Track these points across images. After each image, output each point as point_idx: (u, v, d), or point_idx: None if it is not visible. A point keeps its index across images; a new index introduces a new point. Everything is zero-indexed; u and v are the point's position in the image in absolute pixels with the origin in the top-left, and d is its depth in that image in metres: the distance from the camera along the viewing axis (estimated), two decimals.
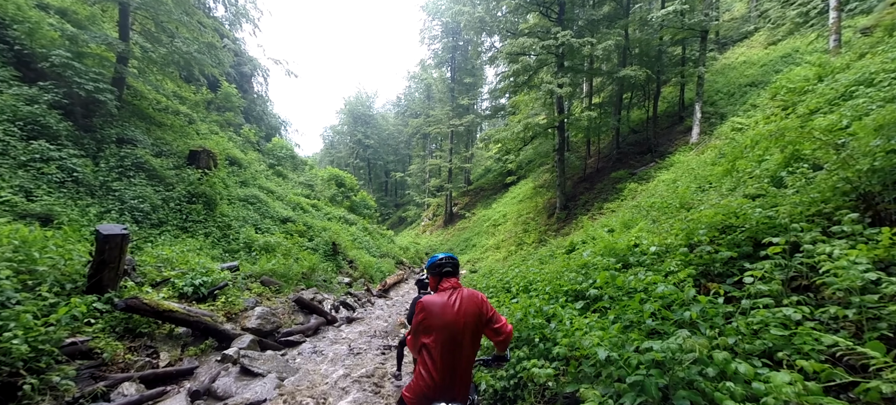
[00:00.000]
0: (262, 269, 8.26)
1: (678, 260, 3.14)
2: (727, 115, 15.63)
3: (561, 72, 19.18)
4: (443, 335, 1.96)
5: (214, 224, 10.37)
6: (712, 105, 16.98)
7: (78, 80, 8.60)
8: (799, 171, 3.64)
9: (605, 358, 2.02)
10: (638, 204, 10.75)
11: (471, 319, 2.01)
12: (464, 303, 2.02)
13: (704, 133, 15.63)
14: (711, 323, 2.10)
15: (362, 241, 18.25)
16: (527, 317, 3.50)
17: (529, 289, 4.88)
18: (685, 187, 7.12)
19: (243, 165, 15.27)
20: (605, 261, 3.83)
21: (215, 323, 5.40)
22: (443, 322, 1.97)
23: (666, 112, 22.03)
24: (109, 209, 8.09)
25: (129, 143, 9.86)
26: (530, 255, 10.30)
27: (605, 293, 3.18)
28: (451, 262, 2.20)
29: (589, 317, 2.87)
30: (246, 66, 23.65)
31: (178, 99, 15.09)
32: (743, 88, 16.74)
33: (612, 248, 4.08)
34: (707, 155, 11.90)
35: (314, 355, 5.85)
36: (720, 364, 1.65)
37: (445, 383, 1.94)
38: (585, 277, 3.79)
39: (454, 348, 1.96)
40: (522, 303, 3.85)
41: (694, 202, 6.07)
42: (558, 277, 4.32)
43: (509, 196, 30.58)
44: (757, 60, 18.47)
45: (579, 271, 3.98)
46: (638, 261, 3.70)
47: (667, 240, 3.70)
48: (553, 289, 3.93)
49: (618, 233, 5.15)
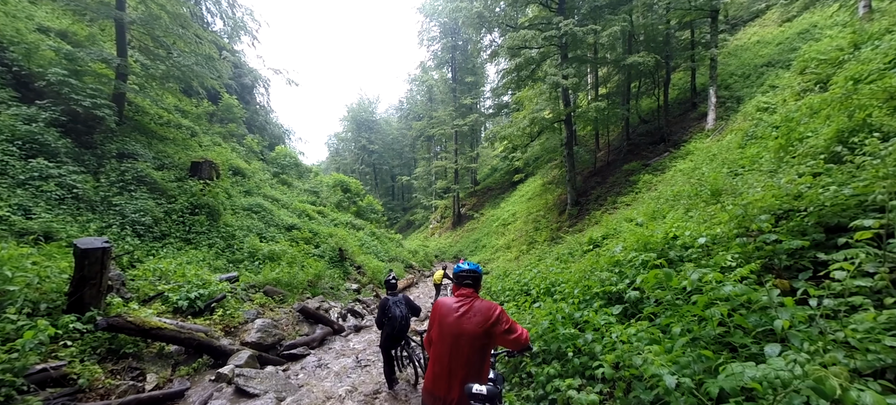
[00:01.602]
0: (265, 279, 7.96)
1: (734, 252, 2.69)
2: (744, 97, 14.86)
3: (565, 63, 18.56)
4: (445, 335, 2.13)
5: (218, 234, 10.14)
6: (727, 89, 16.22)
7: (75, 97, 8.44)
8: (867, 142, 3.09)
9: (674, 384, 1.59)
10: (658, 194, 10.23)
11: (476, 329, 2.10)
12: (472, 312, 2.14)
13: (720, 118, 14.87)
14: (804, 333, 1.66)
15: (370, 246, 17.94)
16: (555, 325, 3.10)
17: (553, 291, 4.46)
18: (715, 173, 6.61)
19: (247, 175, 15.09)
20: (641, 258, 3.39)
21: (210, 339, 5.04)
22: (447, 323, 2.15)
23: (677, 99, 21.20)
24: (110, 224, 7.88)
25: (129, 157, 9.68)
26: (546, 254, 9.83)
27: (649, 296, 2.75)
28: (473, 276, 2.33)
29: (634, 326, 2.45)
30: (246, 77, 23.62)
31: (180, 112, 14.97)
32: (758, 69, 15.95)
33: (646, 242, 3.65)
34: (730, 139, 11.32)
35: (318, 369, 5.50)
36: (839, 396, 1.21)
37: (441, 379, 2.10)
38: (620, 277, 3.36)
39: (453, 349, 2.10)
40: (547, 309, 3.45)
41: (729, 187, 5.58)
42: (586, 277, 3.90)
43: (518, 194, 30.08)
44: (771, 39, 17.69)
45: (611, 270, 3.56)
46: (680, 257, 3.26)
47: (713, 231, 3.25)
48: (582, 292, 3.51)
49: (647, 225, 4.68)
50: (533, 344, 2.96)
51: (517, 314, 4.20)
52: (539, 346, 3.06)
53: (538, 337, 3.18)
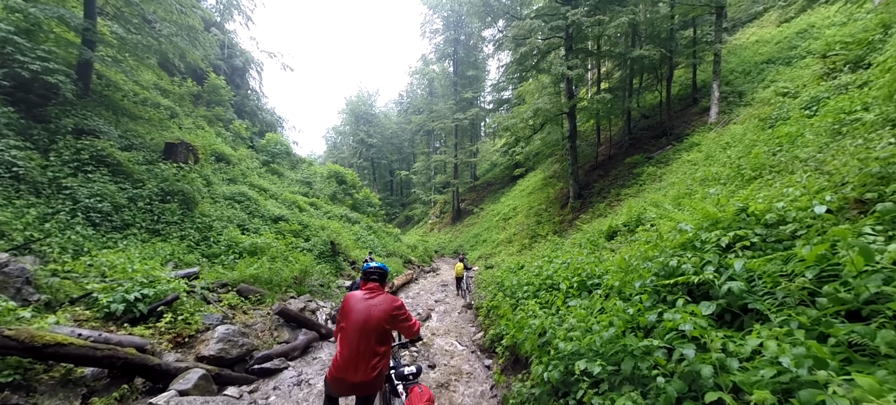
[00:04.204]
0: (240, 276, 6.85)
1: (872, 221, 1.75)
2: (746, 92, 15.33)
3: (570, 54, 18.14)
4: (353, 324, 2.35)
5: (192, 225, 9.04)
6: (727, 84, 16.65)
7: (21, 59, 7.31)
8: None
9: None
10: (674, 182, 9.51)
11: (382, 315, 2.39)
12: (377, 302, 2.44)
13: (723, 112, 15.08)
14: None
15: (366, 240, 16.90)
16: (618, 335, 2.12)
17: (588, 284, 3.45)
18: (757, 151, 5.70)
19: (232, 162, 13.98)
20: (723, 237, 2.37)
21: (144, 355, 3.79)
22: (356, 311, 2.39)
23: (678, 95, 21.62)
24: (57, 210, 6.78)
25: (89, 134, 8.56)
26: (559, 246, 8.83)
27: (757, 287, 1.81)
28: (379, 272, 2.60)
29: (754, 335, 1.48)
30: (238, 58, 22.36)
31: (159, 91, 13.84)
32: (759, 66, 16.50)
33: (714, 219, 2.61)
34: (738, 128, 11.47)
35: (296, 388, 4.35)
36: None
37: (350, 363, 2.27)
38: (699, 263, 2.34)
39: (361, 336, 2.31)
40: (595, 306, 2.48)
41: (780, 164, 4.67)
42: (636, 267, 2.88)
43: (518, 189, 29.47)
44: (770, 38, 18.23)
45: (680, 255, 2.53)
46: (777, 236, 2.27)
47: (799, 202, 2.35)
48: (643, 286, 2.51)
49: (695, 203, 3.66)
50: (592, 365, 2.06)
51: (546, 316, 3.18)
52: (599, 365, 2.07)
53: (595, 352, 2.19)
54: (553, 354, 2.59)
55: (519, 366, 3.66)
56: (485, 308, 6.01)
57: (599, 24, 15.99)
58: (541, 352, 2.80)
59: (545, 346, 2.80)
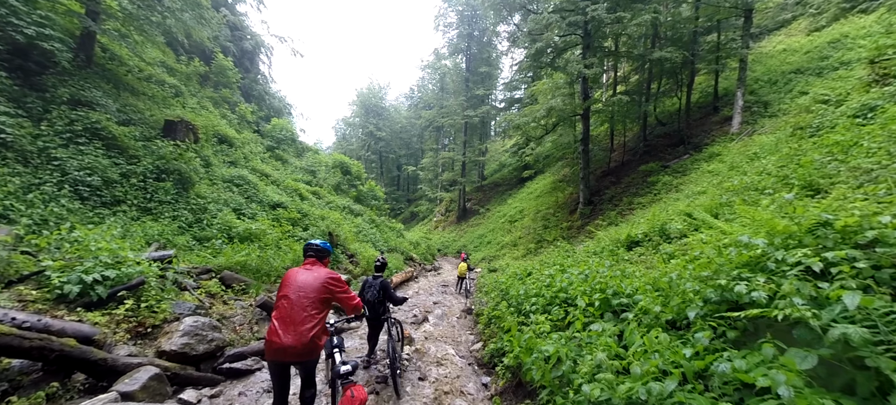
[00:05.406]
0: (226, 262, 6.46)
1: None
2: (772, 102, 14.66)
3: (588, 53, 17.45)
4: (290, 292, 2.55)
5: (187, 206, 8.72)
6: (752, 94, 15.98)
7: (15, 22, 7.01)
8: None
9: None
10: (700, 190, 8.89)
11: (315, 282, 2.61)
12: (314, 272, 2.68)
13: (746, 122, 14.40)
14: None
15: (368, 234, 16.52)
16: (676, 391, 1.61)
17: (614, 304, 2.92)
18: (806, 160, 5.14)
19: (235, 145, 13.67)
20: (804, 256, 1.82)
21: (85, 348, 3.25)
22: (294, 281, 2.61)
23: (698, 103, 20.86)
24: (43, 181, 6.47)
25: (85, 105, 8.26)
26: (570, 253, 8.31)
27: None
28: (316, 248, 2.89)
29: None
30: (247, 40, 22.09)
31: (166, 69, 13.56)
32: (786, 75, 15.76)
33: (787, 233, 2.06)
34: (767, 139, 10.79)
35: (267, 395, 3.82)
36: None
37: (282, 327, 2.44)
38: (773, 290, 1.80)
39: (296, 303, 2.51)
40: (631, 338, 1.98)
41: (831, 174, 4.14)
42: (683, 285, 2.34)
43: (526, 191, 28.91)
44: (799, 47, 17.50)
45: (743, 277, 1.98)
46: (879, 260, 1.73)
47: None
48: (678, 308, 2.00)
49: (759, 213, 3.03)
50: None
51: (560, 340, 2.65)
52: None
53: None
54: (574, 399, 2.09)
55: (522, 392, 3.19)
56: (486, 316, 5.55)
57: (620, 21, 15.33)
58: (555, 387, 2.31)
59: (561, 382, 2.31)
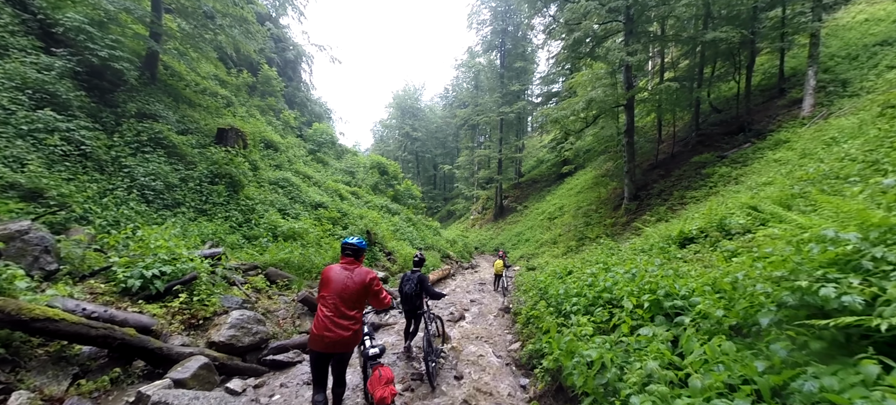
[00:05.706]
0: (271, 259, 6.81)
1: None
2: (852, 80, 12.94)
3: (631, 39, 16.25)
4: (333, 290, 2.81)
5: (237, 207, 9.33)
6: (826, 72, 14.30)
7: (91, 46, 7.88)
8: None
9: None
10: (766, 181, 7.91)
11: (357, 285, 2.84)
12: (354, 273, 2.89)
13: (820, 104, 12.82)
14: None
15: (405, 232, 16.75)
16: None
17: (666, 307, 2.60)
18: None
19: (280, 149, 14.46)
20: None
21: (143, 337, 3.53)
22: (336, 281, 2.84)
23: (759, 85, 18.81)
24: (116, 186, 7.20)
25: (149, 117, 9.11)
26: (613, 251, 7.78)
27: None
28: (353, 248, 2.99)
29: None
30: (290, 51, 23.37)
31: (218, 81, 14.67)
32: (869, 49, 13.92)
33: (888, 227, 1.69)
34: (861, 116, 9.34)
35: (306, 386, 3.91)
36: None
37: (328, 323, 2.72)
38: (871, 294, 1.47)
39: (338, 302, 2.78)
40: (689, 347, 1.71)
41: None
42: (752, 286, 2.00)
43: (566, 187, 27.84)
44: (886, 16, 15.41)
45: (830, 277, 1.64)
46: None
47: None
48: (747, 313, 1.67)
49: (846, 202, 2.60)
50: None
51: (605, 344, 2.40)
52: None
53: None
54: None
55: (563, 397, 2.96)
56: (524, 315, 5.32)
57: (666, 2, 14.15)
58: (599, 396, 2.08)
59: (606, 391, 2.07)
